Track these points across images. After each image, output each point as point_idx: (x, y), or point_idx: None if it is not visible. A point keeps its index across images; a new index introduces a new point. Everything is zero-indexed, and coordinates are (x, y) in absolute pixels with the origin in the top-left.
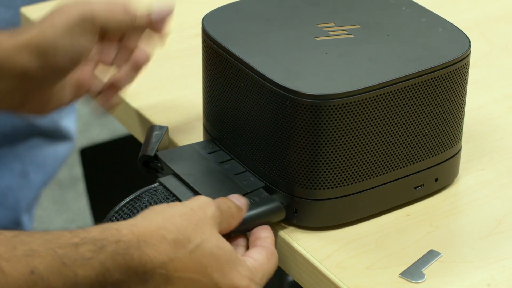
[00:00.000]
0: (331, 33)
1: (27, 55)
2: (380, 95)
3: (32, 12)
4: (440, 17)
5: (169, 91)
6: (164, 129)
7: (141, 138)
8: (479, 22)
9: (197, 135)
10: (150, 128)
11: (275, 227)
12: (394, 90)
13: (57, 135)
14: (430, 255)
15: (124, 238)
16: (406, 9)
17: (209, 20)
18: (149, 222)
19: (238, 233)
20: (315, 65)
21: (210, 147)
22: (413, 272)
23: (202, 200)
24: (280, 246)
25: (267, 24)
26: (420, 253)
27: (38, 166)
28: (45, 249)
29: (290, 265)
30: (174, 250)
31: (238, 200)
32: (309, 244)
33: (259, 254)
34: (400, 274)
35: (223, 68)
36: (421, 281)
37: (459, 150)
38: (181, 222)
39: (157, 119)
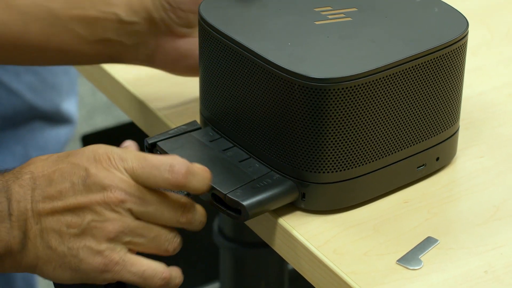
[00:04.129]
0: (330, 16)
1: None
2: (385, 77)
3: None
4: None
5: (169, 78)
6: (193, 126)
7: (141, 125)
8: (480, 10)
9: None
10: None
11: (273, 215)
12: (398, 72)
13: (58, 118)
14: (428, 242)
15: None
16: None
17: (206, 8)
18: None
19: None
20: (319, 49)
21: (210, 135)
22: (410, 258)
23: None
24: (278, 233)
25: (264, 10)
26: (418, 240)
27: (40, 149)
28: None
29: (288, 253)
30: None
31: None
32: (306, 231)
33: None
34: (398, 260)
35: (223, 55)
36: (419, 267)
37: (458, 129)
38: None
39: (157, 106)
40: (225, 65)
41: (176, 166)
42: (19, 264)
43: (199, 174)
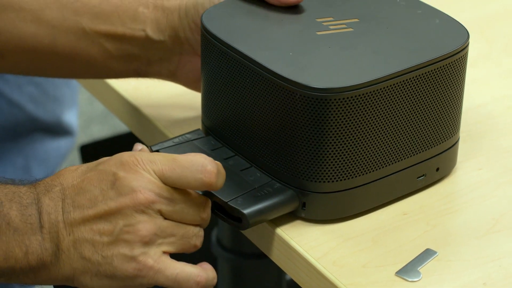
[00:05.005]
0: (331, 27)
1: (176, 16)
2: (386, 87)
3: None
4: (435, 8)
5: (168, 87)
6: (197, 135)
7: (139, 134)
8: (479, 21)
9: None
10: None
11: (272, 225)
12: (400, 82)
13: (59, 130)
14: (427, 254)
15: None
16: (401, 1)
17: (208, 18)
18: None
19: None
20: (320, 59)
21: (212, 144)
22: (409, 270)
23: None
24: (278, 244)
25: (266, 20)
26: (417, 252)
27: (40, 161)
28: None
29: (287, 263)
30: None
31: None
32: (305, 242)
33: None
34: (396, 272)
35: (225, 64)
36: (417, 279)
37: (458, 140)
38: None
39: (155, 116)
40: (227, 75)
41: (208, 166)
42: (55, 276)
43: (222, 173)
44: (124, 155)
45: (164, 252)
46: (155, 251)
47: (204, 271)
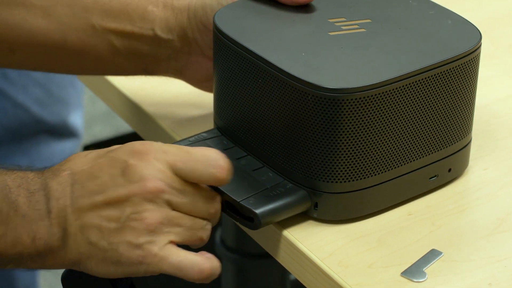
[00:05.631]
0: (343, 27)
1: (185, 16)
2: (399, 87)
3: None
4: (447, 9)
5: (173, 88)
6: (213, 134)
7: (143, 134)
8: (483, 22)
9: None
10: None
11: (277, 226)
12: (412, 83)
13: (64, 132)
14: (432, 254)
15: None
16: (413, 2)
17: (220, 18)
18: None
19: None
20: (333, 59)
21: (224, 144)
22: (414, 271)
23: None
24: (283, 244)
25: (279, 20)
26: (422, 252)
27: (45, 163)
28: None
29: (292, 263)
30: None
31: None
32: (311, 243)
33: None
34: (402, 273)
35: (237, 64)
36: (423, 280)
37: (470, 140)
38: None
39: (161, 116)
40: (239, 75)
41: (221, 161)
42: (62, 261)
43: (231, 170)
44: (136, 144)
45: (171, 242)
46: (160, 239)
47: (209, 260)
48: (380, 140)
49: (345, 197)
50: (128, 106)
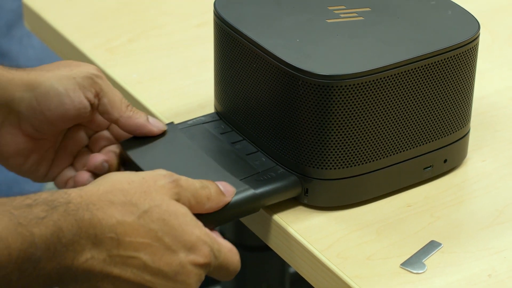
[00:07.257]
0: (342, 15)
1: (23, 91)
2: (391, 75)
3: (35, 3)
4: (449, 0)
5: (171, 81)
6: (211, 118)
7: None
8: (482, 13)
9: None
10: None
11: (276, 218)
12: (405, 71)
13: None
14: (431, 246)
15: (73, 200)
16: None
17: (221, 4)
18: (97, 186)
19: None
20: (327, 46)
21: (222, 128)
22: (413, 262)
23: (157, 172)
24: (281, 236)
25: (278, 7)
26: (421, 244)
27: None
28: (0, 211)
29: (291, 256)
30: (122, 214)
31: (223, 186)
32: (310, 235)
33: (223, 240)
34: (401, 264)
35: (235, 50)
36: (422, 271)
37: (468, 132)
38: (129, 188)
39: (159, 109)
40: (237, 60)
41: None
42: None
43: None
44: (192, 239)
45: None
46: None
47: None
48: (372, 128)
49: (336, 184)
50: (127, 99)
